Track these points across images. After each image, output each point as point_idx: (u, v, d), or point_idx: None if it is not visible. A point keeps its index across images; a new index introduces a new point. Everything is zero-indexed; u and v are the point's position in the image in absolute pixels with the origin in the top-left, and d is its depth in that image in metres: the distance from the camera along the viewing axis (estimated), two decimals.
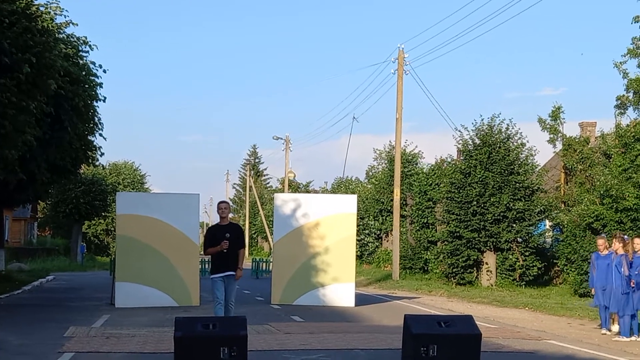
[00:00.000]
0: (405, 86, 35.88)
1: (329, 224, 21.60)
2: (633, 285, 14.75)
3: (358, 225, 31.29)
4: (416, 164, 44.77)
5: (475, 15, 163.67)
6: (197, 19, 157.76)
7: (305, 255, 21.54)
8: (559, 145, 34.31)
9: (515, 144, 31.48)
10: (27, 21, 18.98)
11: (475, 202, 30.59)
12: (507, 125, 31.52)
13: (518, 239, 30.94)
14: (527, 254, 30.82)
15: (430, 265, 36.94)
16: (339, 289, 21.41)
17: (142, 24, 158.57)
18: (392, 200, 38.50)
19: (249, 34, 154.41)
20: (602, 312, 15.71)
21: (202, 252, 35.11)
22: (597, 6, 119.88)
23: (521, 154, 31.44)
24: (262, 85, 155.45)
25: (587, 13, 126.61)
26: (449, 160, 36.49)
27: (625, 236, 15.81)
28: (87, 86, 25.98)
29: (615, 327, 15.55)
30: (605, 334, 15.46)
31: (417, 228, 39.84)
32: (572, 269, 27.24)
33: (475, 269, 31.47)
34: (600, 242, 15.90)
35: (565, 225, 28.56)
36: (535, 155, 31.94)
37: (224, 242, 13.29)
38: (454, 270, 31.47)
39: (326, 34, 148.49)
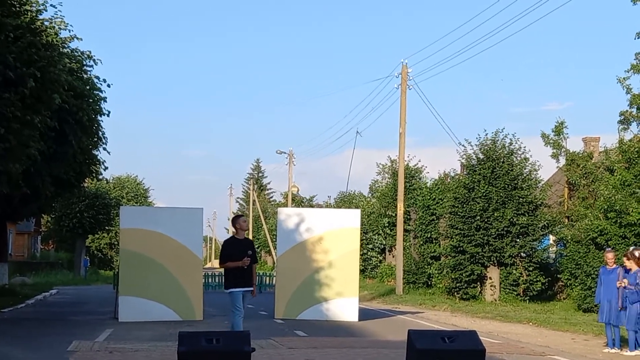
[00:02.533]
0: (408, 101, 35.98)
1: (333, 238, 21.55)
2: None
3: (361, 240, 31.22)
4: (419, 178, 44.73)
5: (480, 30, 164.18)
6: (200, 33, 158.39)
7: (308, 270, 21.48)
8: (563, 160, 34.33)
9: (518, 158, 31.51)
10: (31, 36, 19.03)
11: (478, 217, 30.58)
12: (511, 140, 31.63)
13: (522, 253, 30.92)
14: (530, 268, 30.79)
15: (433, 279, 36.89)
16: (343, 304, 21.34)
17: (143, 39, 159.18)
18: (395, 214, 38.47)
19: (252, 49, 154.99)
20: (609, 331, 15.26)
21: (205, 266, 35.14)
22: (601, 22, 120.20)
23: (524, 168, 31.46)
24: (265, 100, 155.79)
25: (591, 29, 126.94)
26: (453, 174, 36.52)
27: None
28: (91, 100, 26.00)
29: None
30: (608, 352, 14.98)
31: (421, 243, 39.82)
32: (576, 284, 27.19)
33: (478, 283, 31.43)
34: (610, 255, 15.61)
35: (569, 240, 28.53)
36: (538, 170, 32.05)
37: (246, 259, 13.52)
38: (457, 285, 31.44)
39: (330, 49, 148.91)
